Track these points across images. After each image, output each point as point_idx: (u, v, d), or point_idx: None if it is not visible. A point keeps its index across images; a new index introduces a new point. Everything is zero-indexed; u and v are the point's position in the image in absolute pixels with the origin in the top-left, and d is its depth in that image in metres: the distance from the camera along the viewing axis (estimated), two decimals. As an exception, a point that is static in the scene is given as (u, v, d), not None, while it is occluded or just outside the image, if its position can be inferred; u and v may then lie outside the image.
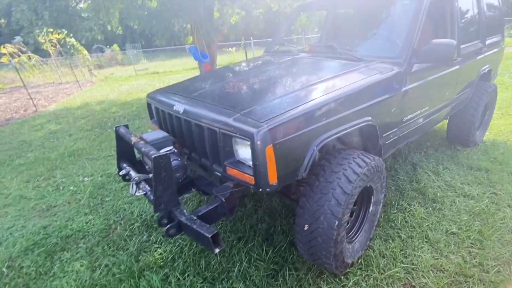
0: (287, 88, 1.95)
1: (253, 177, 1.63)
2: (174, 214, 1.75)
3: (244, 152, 1.69)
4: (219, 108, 1.84)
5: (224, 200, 1.79)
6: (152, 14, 6.71)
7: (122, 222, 2.87)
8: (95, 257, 2.45)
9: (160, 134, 2.12)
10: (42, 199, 3.45)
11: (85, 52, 14.08)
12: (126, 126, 2.34)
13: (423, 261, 2.06)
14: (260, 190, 1.64)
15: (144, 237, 2.61)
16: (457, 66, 2.68)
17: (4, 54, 13.47)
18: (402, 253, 2.15)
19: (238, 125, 1.62)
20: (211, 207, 1.77)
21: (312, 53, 2.67)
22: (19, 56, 14.03)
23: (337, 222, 1.75)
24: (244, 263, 2.19)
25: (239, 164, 1.76)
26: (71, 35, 13.36)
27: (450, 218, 2.45)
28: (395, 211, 2.56)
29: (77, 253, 2.52)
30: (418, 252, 2.14)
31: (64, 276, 2.29)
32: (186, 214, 1.73)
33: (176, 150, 2.08)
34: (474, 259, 2.09)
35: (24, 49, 14.47)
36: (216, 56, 7.35)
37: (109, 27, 8.10)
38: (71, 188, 3.62)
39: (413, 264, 2.06)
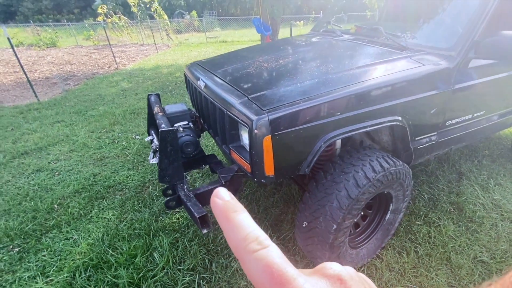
0: (307, 75, 1.74)
1: (249, 166, 1.54)
2: (177, 188, 1.76)
3: (246, 138, 1.59)
4: (233, 89, 1.74)
5: (224, 183, 1.74)
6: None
7: (155, 182, 3.04)
8: (125, 209, 2.66)
9: (180, 107, 2.12)
10: (99, 150, 3.82)
11: (165, 16, 14.74)
12: (157, 95, 2.39)
13: (435, 285, 1.78)
14: (255, 180, 1.54)
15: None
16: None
17: (101, 13, 14.91)
18: (413, 271, 1.89)
19: (242, 109, 1.51)
20: (210, 188, 1.74)
21: (356, 35, 2.33)
22: (111, 16, 15.38)
23: (335, 226, 1.58)
24: (247, 244, 2.16)
25: (241, 149, 1.67)
26: None
27: (485, 244, 2.05)
28: (420, 222, 2.23)
29: (112, 203, 2.77)
30: (432, 274, 1.85)
31: (97, 221, 2.54)
32: (185, 190, 1.73)
33: (192, 125, 2.07)
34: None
35: (116, 11, 15.78)
36: (278, 29, 7.06)
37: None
38: (124, 143, 3.94)
39: (421, 286, 1.79)
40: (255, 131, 1.40)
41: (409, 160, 1.97)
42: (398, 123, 1.69)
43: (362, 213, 1.99)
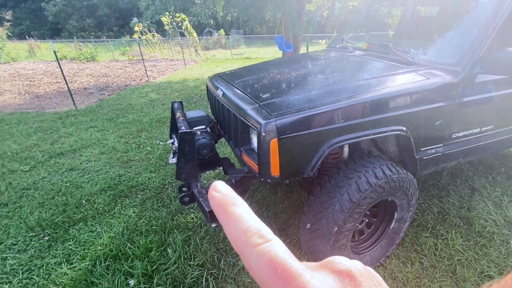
0: (315, 85, 1.84)
1: (257, 166, 1.63)
2: (191, 185, 1.89)
3: (255, 140, 1.70)
4: (246, 96, 1.86)
5: (234, 183, 1.84)
6: (246, 3, 6.94)
7: (174, 184, 3.20)
8: (145, 208, 2.82)
9: (200, 113, 2.26)
10: (126, 153, 4.06)
11: (195, 34, 15.47)
12: (180, 103, 2.56)
13: (438, 295, 1.76)
14: (262, 179, 1.63)
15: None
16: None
17: (136, 31, 15.89)
18: (416, 281, 1.86)
19: (253, 114, 1.62)
20: (221, 186, 1.84)
21: (367, 51, 2.41)
22: (146, 34, 16.32)
23: (336, 228, 1.63)
24: (255, 245, 2.24)
25: (251, 151, 1.77)
26: (185, 18, 14.90)
27: (493, 259, 1.99)
28: (427, 234, 2.21)
29: (134, 202, 2.94)
30: (435, 285, 1.83)
31: (119, 217, 2.71)
32: (199, 187, 1.84)
33: (209, 130, 2.20)
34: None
35: (151, 29, 16.75)
36: (299, 47, 7.25)
37: (220, 14, 8.76)
38: (148, 148, 4.17)
39: (423, 294, 1.78)
40: (263, 134, 1.50)
41: (415, 171, 1.99)
42: (402, 133, 1.73)
43: (367, 220, 2.02)
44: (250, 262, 0.22)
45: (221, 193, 0.25)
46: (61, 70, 6.28)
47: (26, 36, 22.10)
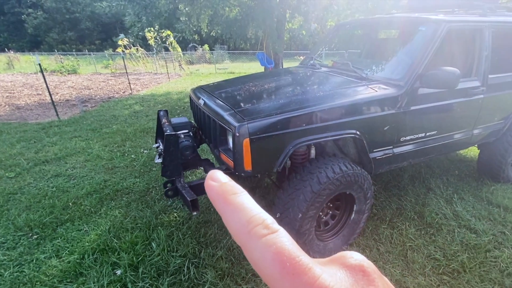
0: (283, 96, 2.20)
1: (232, 162, 1.95)
2: (175, 181, 2.18)
3: (231, 141, 2.02)
4: (224, 105, 2.20)
5: (213, 178, 2.14)
6: (229, 22, 7.43)
7: (157, 188, 3.45)
8: (130, 209, 3.05)
9: (183, 120, 2.57)
10: (111, 161, 4.27)
11: (179, 49, 15.95)
12: (166, 111, 2.87)
13: (389, 275, 2.09)
14: (237, 174, 1.95)
15: (169, 202, 3.13)
16: (481, 95, 2.52)
17: (120, 45, 16.20)
18: (373, 264, 2.19)
19: (229, 119, 1.95)
20: (202, 181, 2.14)
21: (332, 68, 2.83)
22: (130, 48, 16.65)
23: (300, 215, 1.95)
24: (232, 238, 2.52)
25: (228, 151, 2.09)
26: (170, 33, 15.36)
27: (439, 245, 2.35)
28: (385, 226, 2.56)
29: (119, 204, 3.16)
30: (389, 266, 2.16)
31: (105, 217, 2.93)
32: (182, 182, 2.14)
33: (191, 134, 2.52)
34: (442, 286, 2.03)
35: (134, 42, 17.12)
36: (280, 63, 7.74)
37: (205, 30, 9.23)
38: (133, 156, 4.40)
39: (377, 274, 2.09)
40: (237, 134, 1.83)
41: (371, 169, 2.36)
42: (356, 136, 2.10)
43: (331, 212, 2.35)
44: (254, 254, 0.21)
45: (220, 182, 0.24)
46: (45, 82, 6.47)
47: (5, 49, 21.99)
